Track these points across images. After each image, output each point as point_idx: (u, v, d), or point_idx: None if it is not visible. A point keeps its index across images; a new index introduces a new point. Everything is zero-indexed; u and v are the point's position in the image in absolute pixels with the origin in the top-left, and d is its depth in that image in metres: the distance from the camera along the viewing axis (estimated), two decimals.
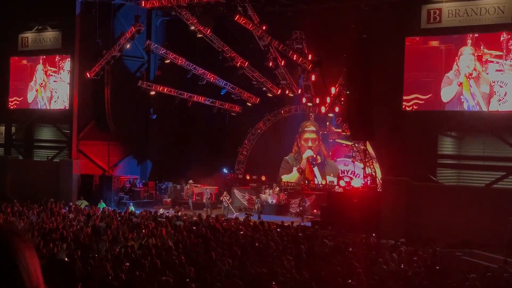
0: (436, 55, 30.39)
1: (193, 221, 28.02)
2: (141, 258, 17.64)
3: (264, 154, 42.61)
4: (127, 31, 38.26)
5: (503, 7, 28.29)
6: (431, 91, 30.43)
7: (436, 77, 30.26)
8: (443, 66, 30.13)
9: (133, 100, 41.69)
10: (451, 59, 29.82)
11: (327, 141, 40.70)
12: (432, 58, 30.50)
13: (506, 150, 30.20)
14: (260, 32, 37.10)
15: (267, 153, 42.65)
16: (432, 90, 30.40)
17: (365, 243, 22.56)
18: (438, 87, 30.16)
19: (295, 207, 36.98)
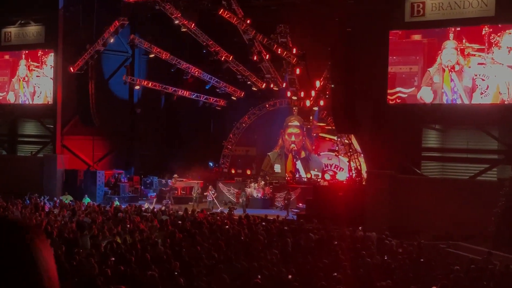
0: (419, 49, 30.50)
1: (178, 215, 27.99)
2: (127, 253, 17.60)
3: (250, 147, 42.71)
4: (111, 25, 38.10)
5: (486, 0, 28.41)
6: (414, 85, 30.54)
7: (419, 70, 30.37)
8: (426, 60, 30.24)
9: (118, 94, 41.53)
10: (434, 53, 29.95)
11: (311, 135, 40.79)
12: (415, 52, 30.61)
13: (489, 142, 30.39)
14: (244, 26, 37.07)
15: (253, 147, 42.74)
16: (415, 84, 30.51)
17: (350, 236, 22.63)
18: (421, 80, 30.29)
19: (280, 200, 37.03)
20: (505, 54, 28.17)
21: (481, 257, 20.26)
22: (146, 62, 41.23)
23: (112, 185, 39.31)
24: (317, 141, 40.85)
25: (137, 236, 21.29)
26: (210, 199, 36.44)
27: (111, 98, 41.35)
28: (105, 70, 40.86)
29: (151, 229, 23.17)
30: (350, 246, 20.06)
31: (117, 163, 42.72)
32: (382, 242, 21.68)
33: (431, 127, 32.52)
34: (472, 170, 30.43)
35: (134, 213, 27.72)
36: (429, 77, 30.05)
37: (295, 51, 37.38)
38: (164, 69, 40.95)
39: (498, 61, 28.37)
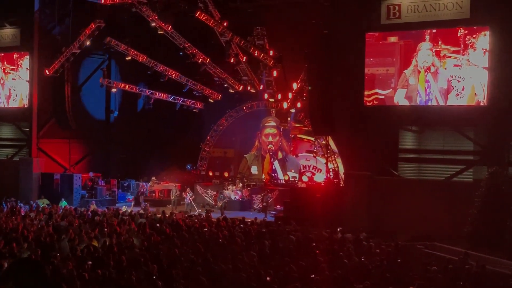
0: (395, 51, 30.67)
1: (156, 218, 27.89)
2: (104, 256, 17.51)
3: (227, 149, 42.73)
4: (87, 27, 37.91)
5: (461, 3, 28.64)
6: (390, 86, 30.71)
7: (396, 72, 30.54)
8: (402, 62, 30.42)
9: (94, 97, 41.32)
10: (410, 54, 30.14)
11: (288, 136, 40.87)
12: (392, 54, 30.77)
13: (465, 143, 30.61)
14: (221, 28, 37.06)
15: (230, 149, 42.76)
16: (391, 86, 30.67)
17: (328, 238, 22.68)
18: (398, 82, 30.47)
19: (258, 202, 37.05)
20: (481, 56, 28.41)
21: (457, 257, 20.41)
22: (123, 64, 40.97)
23: (89, 188, 39.11)
24: (294, 142, 40.95)
25: (114, 240, 21.18)
26: (188, 201, 36.37)
27: (88, 101, 41.12)
28: (81, 73, 40.62)
29: (128, 232, 23.07)
30: (328, 248, 20.10)
31: (94, 166, 42.49)
32: (360, 244, 21.75)
33: (407, 129, 32.69)
34: (448, 171, 30.63)
35: (112, 216, 27.58)
36: (404, 79, 30.24)
37: (272, 53, 37.44)
38: (141, 72, 40.80)
39: (473, 62, 28.60)
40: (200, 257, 17.70)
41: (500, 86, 28.01)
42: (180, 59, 39.91)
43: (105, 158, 44.05)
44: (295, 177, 38.76)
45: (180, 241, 20.56)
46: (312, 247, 20.44)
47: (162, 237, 21.85)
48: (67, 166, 41.16)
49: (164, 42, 39.10)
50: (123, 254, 17.84)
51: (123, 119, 43.91)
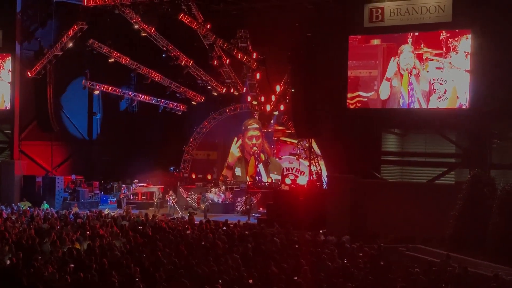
0: (378, 54, 30.77)
1: (139, 220, 27.82)
2: (86, 259, 17.43)
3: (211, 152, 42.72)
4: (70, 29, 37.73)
5: (443, 6, 28.78)
6: (373, 89, 30.81)
7: (379, 75, 30.65)
8: (385, 65, 30.52)
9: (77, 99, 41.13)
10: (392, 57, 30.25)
11: (271, 139, 40.89)
12: (375, 56, 30.87)
13: (447, 146, 30.75)
14: (204, 30, 37.03)
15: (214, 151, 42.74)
16: (374, 88, 30.78)
17: (311, 241, 22.70)
18: (380, 85, 30.58)
19: (241, 205, 37.02)
20: (462, 59, 28.56)
21: (439, 259, 20.50)
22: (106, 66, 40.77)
23: (71, 190, 38.91)
24: (278, 145, 40.97)
25: (97, 242, 21.10)
26: (171, 204, 36.29)
27: (70, 103, 40.92)
28: (64, 75, 40.36)
29: (111, 235, 22.98)
30: (310, 250, 20.13)
31: (76, 169, 42.28)
32: (343, 246, 21.80)
33: (390, 131, 32.80)
34: (430, 173, 30.75)
35: (94, 219, 27.46)
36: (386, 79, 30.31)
37: (255, 56, 37.48)
38: (124, 74, 40.67)
39: (455, 65, 28.75)
40: (182, 260, 17.67)
41: (482, 89, 28.17)
42: (163, 62, 39.83)
43: (87, 160, 43.83)
44: (278, 180, 38.75)
45: (163, 244, 20.50)
46: (295, 249, 20.46)
47: (144, 239, 21.79)
48: (49, 169, 40.92)
49: (147, 44, 39.00)
50: (105, 257, 17.77)
51: (106, 121, 43.71)
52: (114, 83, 40.81)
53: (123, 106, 43.71)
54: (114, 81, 40.92)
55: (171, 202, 36.34)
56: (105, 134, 44.19)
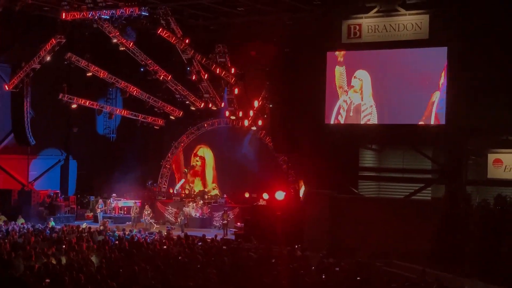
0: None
1: (116, 235, 27.67)
2: (62, 274, 17.28)
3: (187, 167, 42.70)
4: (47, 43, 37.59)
5: (420, 23, 29.06)
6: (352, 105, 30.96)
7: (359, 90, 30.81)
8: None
9: (54, 113, 40.89)
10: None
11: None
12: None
13: (424, 162, 30.97)
14: (183, 45, 37.06)
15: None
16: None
17: (288, 256, 22.69)
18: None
19: (218, 220, 36.95)
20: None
21: (415, 275, 20.57)
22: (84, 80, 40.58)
23: (47, 205, 38.60)
24: None
25: (73, 257, 20.93)
26: (147, 219, 36.08)
27: (48, 117, 40.68)
28: (41, 88, 40.10)
29: (87, 250, 22.81)
30: (288, 266, 20.11)
31: (53, 183, 41.98)
32: (320, 261, 21.80)
33: (367, 147, 32.97)
34: (407, 189, 30.93)
35: (71, 234, 27.27)
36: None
37: (234, 71, 37.55)
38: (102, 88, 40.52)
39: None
40: (159, 275, 17.58)
41: (458, 105, 28.42)
42: (142, 76, 39.78)
43: (64, 174, 43.52)
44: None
45: (140, 259, 20.39)
46: (272, 264, 20.43)
47: (121, 254, 21.65)
48: (25, 183, 40.60)
49: (125, 59, 38.93)
50: (81, 272, 17.63)
51: (83, 135, 43.47)
52: (92, 97, 40.62)
53: (100, 120, 43.46)
54: (92, 95, 40.73)
55: (147, 217, 36.16)
56: (82, 148, 43.93)
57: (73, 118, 41.97)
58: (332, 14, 31.52)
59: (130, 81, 39.90)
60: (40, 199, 38.50)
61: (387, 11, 30.00)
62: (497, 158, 28.65)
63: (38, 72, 38.59)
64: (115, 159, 43.32)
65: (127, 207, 39.17)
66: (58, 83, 39.87)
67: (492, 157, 28.67)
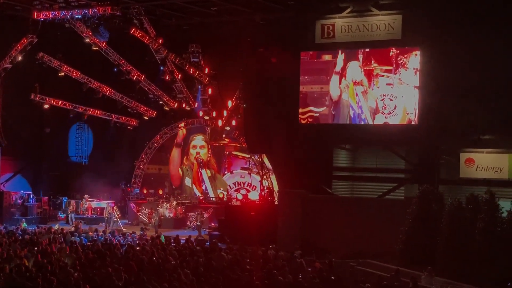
0: (329, 69, 31.08)
1: (89, 236, 27.51)
2: (34, 276, 17.13)
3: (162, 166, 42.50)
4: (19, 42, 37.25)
5: (393, 24, 29.27)
6: (325, 104, 31.06)
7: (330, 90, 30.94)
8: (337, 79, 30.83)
9: (26, 113, 40.51)
10: (343, 72, 30.60)
11: (221, 154, 40.80)
12: (326, 72, 31.16)
13: (397, 162, 31.17)
14: (156, 45, 36.96)
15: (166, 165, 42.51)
16: (326, 104, 31.03)
17: (262, 256, 22.70)
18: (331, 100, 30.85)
19: (192, 220, 36.86)
20: (412, 75, 29.04)
21: (389, 274, 20.68)
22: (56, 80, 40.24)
23: (19, 206, 38.25)
24: (229, 159, 40.89)
25: (45, 259, 20.76)
26: (115, 219, 35.79)
27: (19, 117, 40.28)
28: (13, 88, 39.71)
29: (60, 251, 22.64)
30: (262, 266, 20.12)
31: (25, 184, 41.62)
32: (294, 261, 21.84)
33: (341, 147, 33.09)
34: (381, 189, 31.11)
35: (43, 235, 27.04)
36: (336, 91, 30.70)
37: (207, 70, 37.51)
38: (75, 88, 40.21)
39: (405, 81, 29.21)
40: (133, 276, 17.50)
41: (430, 105, 28.64)
42: (115, 76, 39.56)
43: (36, 175, 43.16)
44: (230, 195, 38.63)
45: (113, 260, 20.28)
46: (246, 264, 20.43)
47: (94, 256, 21.51)
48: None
49: (98, 58, 38.71)
50: (54, 274, 17.48)
51: (56, 135, 43.12)
52: (65, 97, 40.29)
53: (73, 120, 43.11)
54: (64, 95, 40.39)
55: (115, 217, 35.85)
56: (55, 149, 43.58)
57: (45, 118, 41.58)
58: (305, 14, 31.60)
59: (103, 81, 39.65)
60: (12, 200, 38.13)
61: (360, 11, 30.16)
62: (469, 158, 28.88)
63: (9, 72, 38.22)
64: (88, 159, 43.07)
65: (100, 208, 38.90)
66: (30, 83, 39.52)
67: (464, 157, 28.90)
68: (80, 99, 40.53)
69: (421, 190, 25.89)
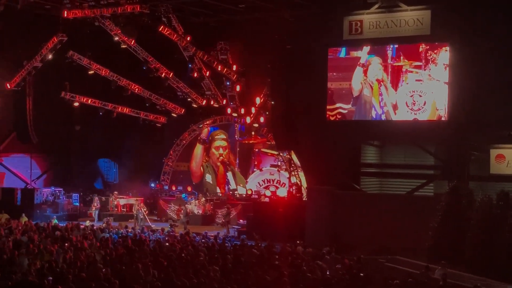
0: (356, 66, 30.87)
1: (119, 233, 27.74)
2: (65, 272, 17.32)
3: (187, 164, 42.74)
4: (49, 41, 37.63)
5: (421, 19, 29.01)
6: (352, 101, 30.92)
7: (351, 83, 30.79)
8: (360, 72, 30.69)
9: (56, 111, 40.92)
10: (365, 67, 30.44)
11: (252, 150, 40.89)
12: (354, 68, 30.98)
13: (426, 158, 30.93)
14: (184, 42, 37.11)
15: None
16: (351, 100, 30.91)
17: (291, 252, 22.72)
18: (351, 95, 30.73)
19: (221, 217, 36.97)
20: (442, 71, 28.79)
21: (418, 271, 20.57)
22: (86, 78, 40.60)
23: (50, 203, 38.68)
24: (259, 156, 40.98)
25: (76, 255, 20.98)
26: (142, 216, 36.01)
27: (50, 115, 40.71)
28: (43, 87, 40.16)
29: (90, 247, 22.87)
30: (290, 262, 20.14)
31: (56, 181, 42.06)
32: (322, 257, 21.82)
33: (369, 143, 32.93)
34: (409, 185, 30.88)
35: (73, 231, 27.31)
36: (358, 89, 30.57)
37: (235, 68, 37.58)
38: (104, 85, 40.53)
39: (435, 77, 28.96)
40: (162, 272, 17.61)
41: (460, 101, 28.39)
42: (144, 73, 39.79)
43: (67, 172, 43.59)
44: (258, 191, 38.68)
45: (143, 256, 20.43)
46: (275, 261, 20.46)
47: (124, 252, 21.69)
48: (28, 181, 40.68)
49: (127, 56, 38.96)
50: (84, 270, 17.67)
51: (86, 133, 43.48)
52: (94, 95, 40.63)
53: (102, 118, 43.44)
54: (93, 93, 40.74)
55: (142, 214, 36.04)
56: (85, 146, 43.97)
57: (75, 116, 41.94)
58: (333, 10, 31.49)
59: (132, 79, 39.91)
60: (43, 197, 38.57)
61: (388, 7, 29.93)
62: (499, 154, 28.59)
63: (40, 70, 38.63)
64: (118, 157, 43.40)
65: (129, 204, 39.19)
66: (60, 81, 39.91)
67: (494, 153, 28.61)
68: (109, 97, 40.84)
69: (451, 186, 25.72)
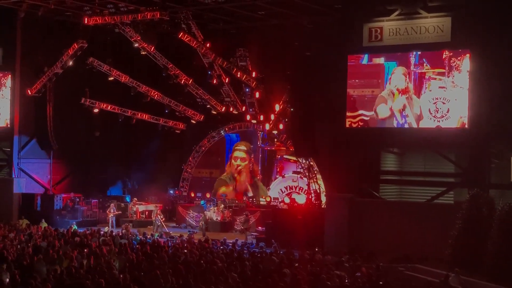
0: (380, 72, 30.80)
1: (138, 239, 27.78)
2: (84, 277, 17.37)
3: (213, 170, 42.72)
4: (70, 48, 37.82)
5: (442, 26, 28.91)
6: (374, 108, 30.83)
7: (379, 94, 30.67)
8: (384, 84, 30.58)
9: (76, 117, 41.12)
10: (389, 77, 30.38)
11: (275, 157, 40.86)
12: (376, 75, 30.90)
13: (446, 166, 30.75)
14: (204, 49, 37.16)
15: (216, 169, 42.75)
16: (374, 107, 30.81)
17: (309, 260, 22.66)
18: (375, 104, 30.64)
19: (239, 224, 36.94)
20: (465, 78, 28.60)
21: (438, 279, 20.46)
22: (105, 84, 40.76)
23: (70, 209, 38.82)
24: (281, 163, 40.96)
25: (95, 261, 21.03)
26: (159, 223, 36.01)
27: (70, 121, 40.91)
28: (64, 93, 40.36)
29: (109, 253, 22.92)
30: (309, 269, 20.08)
31: (75, 187, 42.23)
32: (341, 265, 21.75)
33: (389, 151, 32.81)
34: (429, 193, 30.72)
35: (93, 237, 27.39)
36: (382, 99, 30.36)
37: (255, 74, 37.55)
38: (124, 92, 40.68)
39: (458, 84, 28.78)
40: (181, 279, 17.62)
41: (481, 108, 28.22)
42: (163, 80, 39.88)
43: (86, 178, 43.74)
44: (277, 198, 38.64)
45: (161, 262, 20.45)
46: (294, 268, 20.41)
47: (143, 258, 21.73)
48: (48, 187, 40.89)
49: (147, 63, 39.10)
50: (103, 276, 17.71)
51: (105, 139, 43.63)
52: (113, 101, 40.78)
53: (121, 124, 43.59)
54: (113, 99, 40.89)
55: (159, 221, 36.04)
56: (104, 153, 44.10)
57: (94, 122, 42.09)
58: (353, 17, 31.45)
59: (151, 85, 40.03)
60: (63, 203, 38.75)
61: (408, 14, 29.86)
62: None
63: (60, 76, 38.85)
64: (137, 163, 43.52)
65: (148, 211, 39.27)
66: (80, 88, 40.10)
67: None
68: (129, 103, 40.98)
69: (471, 194, 25.56)
